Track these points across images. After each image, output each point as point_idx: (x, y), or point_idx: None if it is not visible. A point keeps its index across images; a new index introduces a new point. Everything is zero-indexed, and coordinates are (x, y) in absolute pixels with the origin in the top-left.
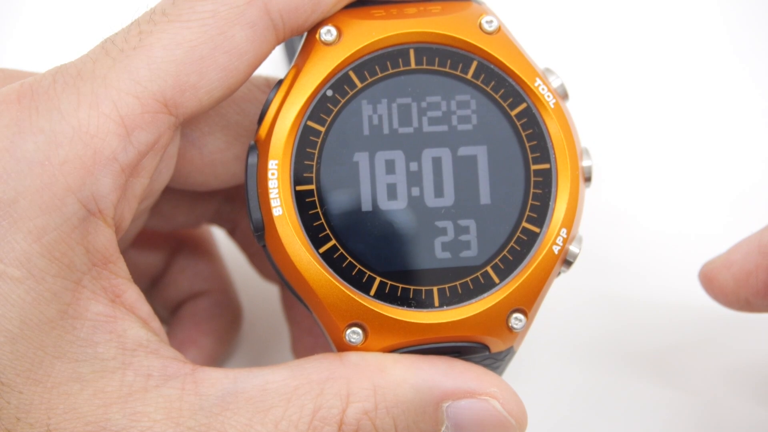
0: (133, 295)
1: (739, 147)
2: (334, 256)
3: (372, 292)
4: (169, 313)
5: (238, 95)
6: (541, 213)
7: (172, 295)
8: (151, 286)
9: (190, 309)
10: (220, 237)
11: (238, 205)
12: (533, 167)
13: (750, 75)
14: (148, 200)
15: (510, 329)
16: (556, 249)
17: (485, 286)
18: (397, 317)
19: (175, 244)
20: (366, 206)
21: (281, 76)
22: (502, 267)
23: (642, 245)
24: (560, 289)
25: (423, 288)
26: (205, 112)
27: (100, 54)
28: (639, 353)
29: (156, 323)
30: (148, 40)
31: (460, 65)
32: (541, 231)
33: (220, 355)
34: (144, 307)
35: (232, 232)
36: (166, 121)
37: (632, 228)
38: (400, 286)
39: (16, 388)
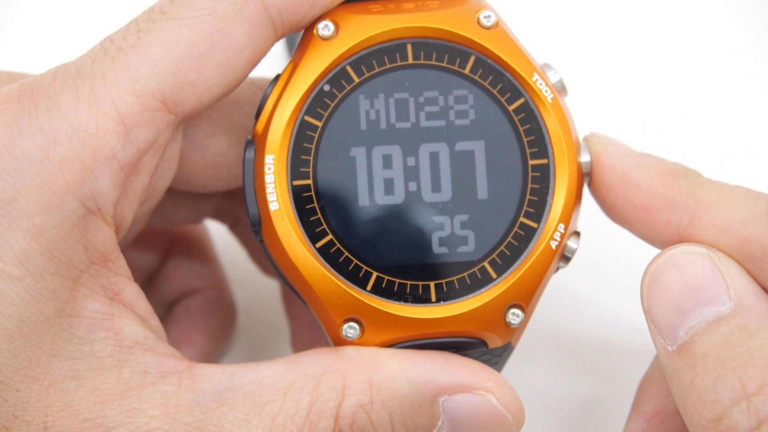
0: (132, 293)
1: (741, 143)
2: (331, 251)
3: (368, 287)
4: (164, 311)
5: (242, 97)
6: (538, 208)
7: (167, 292)
8: (146, 283)
9: (185, 307)
10: (219, 233)
11: (239, 200)
12: (531, 162)
13: (750, 69)
14: (151, 201)
15: (507, 325)
16: (553, 244)
17: (482, 281)
18: (394, 312)
19: (170, 242)
20: (363, 201)
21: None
22: (499, 262)
23: (640, 241)
24: (558, 284)
25: (420, 283)
26: (204, 110)
27: (99, 53)
28: (638, 349)
29: (155, 321)
30: (147, 38)
31: (458, 60)
32: (538, 226)
33: (214, 353)
34: (143, 305)
35: (233, 228)
36: (165, 119)
37: None
38: (397, 281)
39: (13, 386)
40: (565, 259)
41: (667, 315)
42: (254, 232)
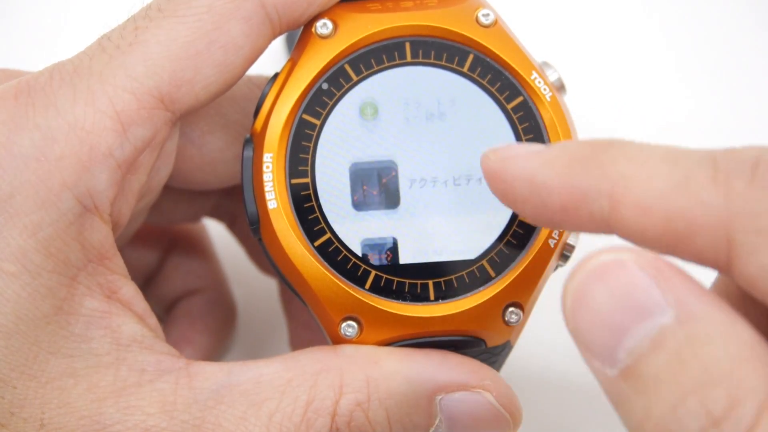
0: (130, 291)
1: (738, 141)
2: (329, 250)
3: (367, 286)
4: (164, 311)
5: (239, 94)
6: None
7: (166, 292)
8: (146, 284)
9: (185, 307)
10: (217, 233)
11: (237, 198)
12: None
13: (750, 68)
14: (148, 198)
15: (506, 323)
16: (552, 242)
17: (481, 279)
18: (392, 311)
19: (169, 241)
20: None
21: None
22: (497, 260)
23: None
24: (556, 283)
25: (418, 282)
26: (202, 107)
27: (96, 50)
28: None
29: (152, 320)
30: (144, 35)
31: (456, 58)
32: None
33: (215, 353)
34: (140, 304)
35: (231, 226)
36: (162, 117)
37: None
38: (395, 279)
39: (10, 383)
40: (564, 257)
41: (601, 337)
42: (252, 230)
